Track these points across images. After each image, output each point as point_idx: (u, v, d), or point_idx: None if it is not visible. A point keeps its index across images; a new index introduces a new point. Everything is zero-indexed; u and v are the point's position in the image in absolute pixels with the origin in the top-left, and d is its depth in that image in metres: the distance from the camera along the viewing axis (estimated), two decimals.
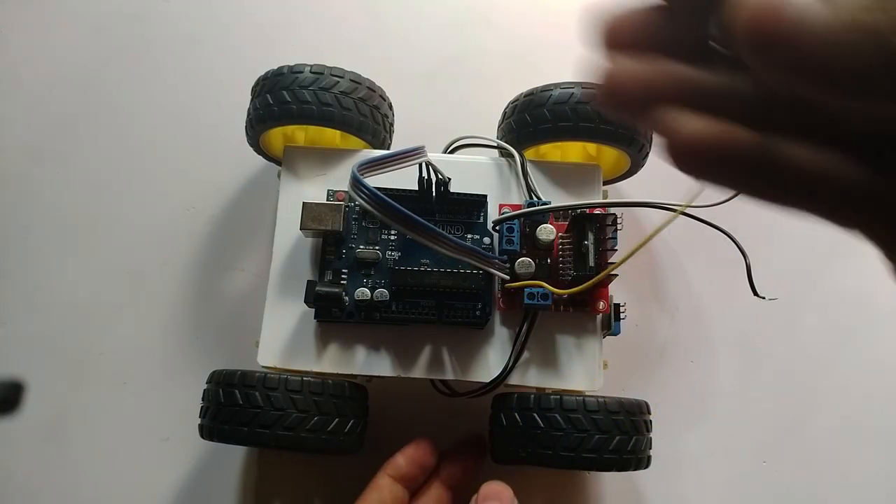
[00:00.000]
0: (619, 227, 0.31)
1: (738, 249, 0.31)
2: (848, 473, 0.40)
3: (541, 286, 0.31)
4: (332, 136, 0.36)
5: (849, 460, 0.41)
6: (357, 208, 0.33)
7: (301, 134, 0.37)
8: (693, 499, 0.39)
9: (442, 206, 0.33)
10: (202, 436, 0.31)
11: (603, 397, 0.31)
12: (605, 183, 0.36)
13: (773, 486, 0.40)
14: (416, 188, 0.33)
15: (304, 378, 0.30)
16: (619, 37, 0.17)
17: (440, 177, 0.32)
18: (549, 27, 0.47)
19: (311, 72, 0.33)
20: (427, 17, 0.49)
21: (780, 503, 0.40)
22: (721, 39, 0.16)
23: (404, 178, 0.32)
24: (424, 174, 0.32)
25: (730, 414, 0.41)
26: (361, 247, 0.33)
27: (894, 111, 0.13)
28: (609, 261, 0.32)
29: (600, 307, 0.33)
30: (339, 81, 0.33)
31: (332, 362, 0.32)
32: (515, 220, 0.32)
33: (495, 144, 0.36)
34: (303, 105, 0.32)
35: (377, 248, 0.33)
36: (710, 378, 0.42)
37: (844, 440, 0.41)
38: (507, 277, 0.32)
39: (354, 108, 0.33)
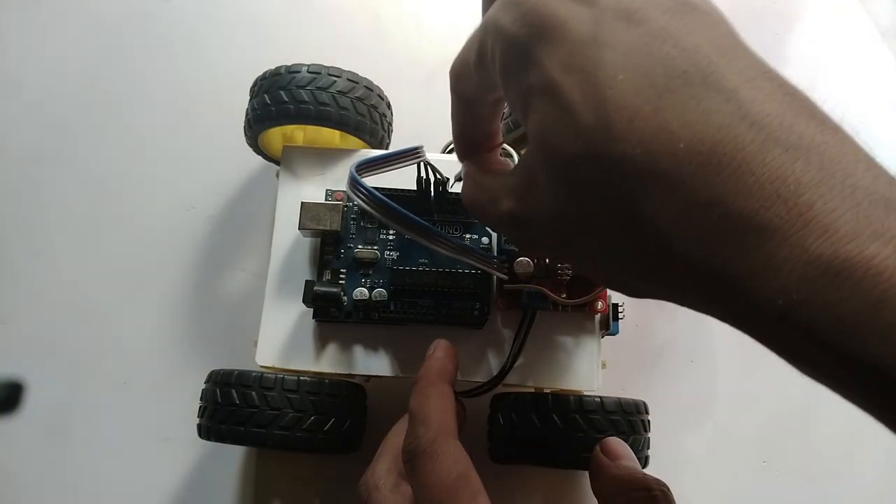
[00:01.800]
0: None
1: None
2: (848, 473, 0.40)
3: (538, 290, 0.31)
4: (330, 136, 0.36)
5: (849, 460, 0.40)
6: (355, 208, 0.33)
7: (300, 134, 0.37)
8: (693, 499, 0.39)
9: (441, 206, 0.33)
10: (200, 435, 0.31)
11: (600, 397, 0.31)
12: None
13: (773, 486, 0.40)
14: (415, 188, 0.33)
15: (301, 377, 0.30)
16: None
17: (439, 176, 0.32)
18: None
19: (308, 71, 0.33)
20: (427, 16, 0.49)
21: (780, 503, 0.40)
22: None
23: (403, 178, 0.32)
24: (423, 174, 0.32)
25: (730, 414, 0.41)
26: (360, 247, 0.33)
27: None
28: None
29: (598, 307, 0.32)
30: (336, 81, 0.33)
31: (331, 362, 0.32)
32: None
33: None
34: (300, 105, 0.32)
35: (375, 247, 0.33)
36: (710, 378, 0.42)
37: (845, 440, 0.41)
38: (506, 277, 0.32)
39: (352, 108, 0.33)
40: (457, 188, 0.32)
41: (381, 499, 0.25)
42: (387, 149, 0.37)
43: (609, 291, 0.33)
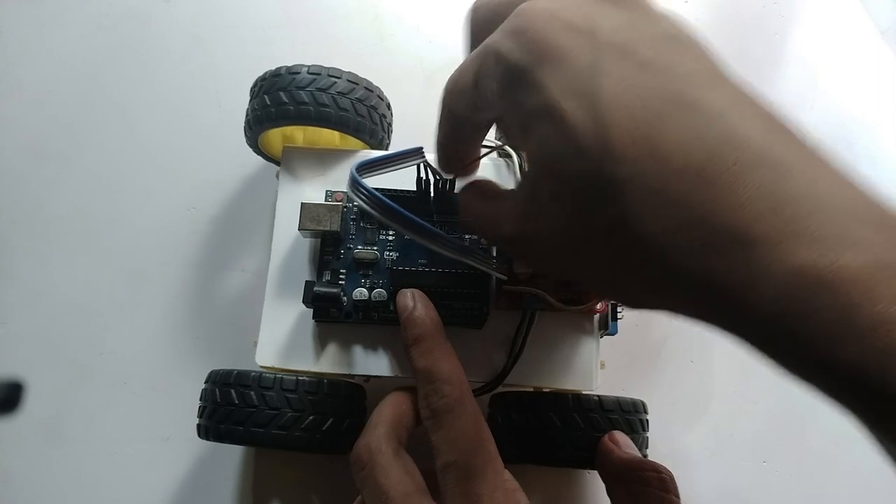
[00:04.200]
0: None
1: None
2: (848, 473, 0.40)
3: (536, 294, 0.31)
4: (330, 137, 0.36)
5: (848, 460, 0.40)
6: (355, 209, 0.33)
7: (300, 134, 0.37)
8: (693, 499, 0.39)
9: (440, 207, 0.33)
10: (200, 435, 0.31)
11: (598, 396, 0.31)
12: None
13: (773, 486, 0.40)
14: (415, 189, 0.33)
15: (299, 377, 0.30)
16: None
17: (438, 177, 0.32)
18: None
19: (308, 72, 0.33)
20: (427, 17, 0.49)
21: (780, 503, 0.40)
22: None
23: (403, 179, 0.32)
24: (423, 174, 0.32)
25: (730, 414, 0.41)
26: (359, 247, 0.33)
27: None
28: None
29: (597, 307, 0.33)
30: (336, 82, 0.33)
31: (330, 362, 0.32)
32: None
33: (493, 145, 0.36)
34: (300, 106, 0.32)
35: (375, 248, 0.33)
36: (709, 378, 0.42)
37: (844, 440, 0.41)
38: (505, 278, 0.32)
39: (351, 109, 0.33)
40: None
41: (386, 462, 0.26)
42: (386, 149, 0.37)
43: None
